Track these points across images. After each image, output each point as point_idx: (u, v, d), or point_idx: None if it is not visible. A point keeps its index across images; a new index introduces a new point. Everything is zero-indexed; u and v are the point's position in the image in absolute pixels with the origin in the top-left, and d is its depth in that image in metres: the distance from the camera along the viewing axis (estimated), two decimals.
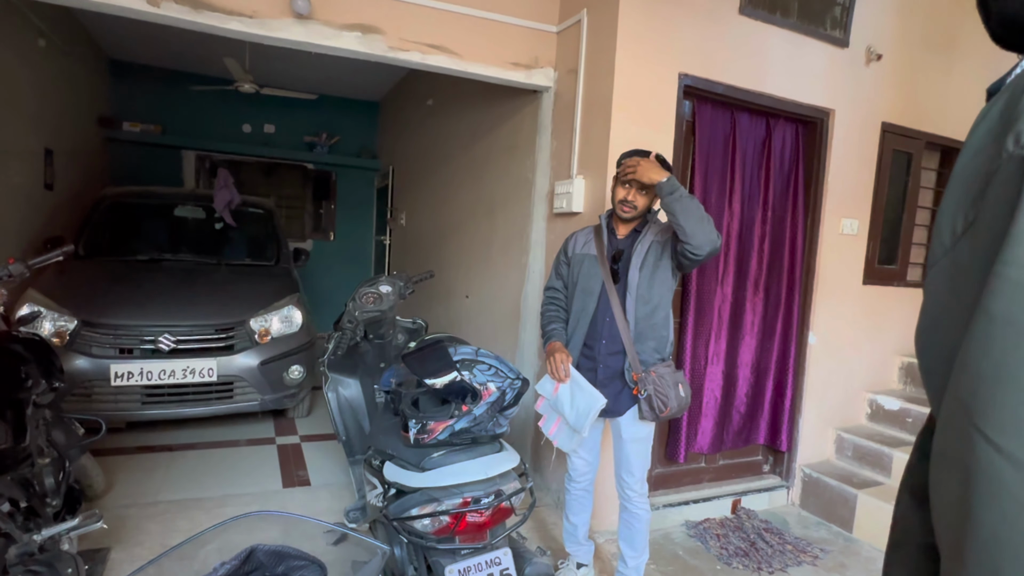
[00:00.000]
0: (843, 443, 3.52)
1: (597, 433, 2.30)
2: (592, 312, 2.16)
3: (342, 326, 2.53)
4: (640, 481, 2.22)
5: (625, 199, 2.09)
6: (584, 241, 2.25)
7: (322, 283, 7.02)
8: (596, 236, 2.23)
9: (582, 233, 2.30)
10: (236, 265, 4.35)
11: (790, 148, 3.24)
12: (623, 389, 2.13)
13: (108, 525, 2.31)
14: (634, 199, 2.08)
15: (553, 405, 2.20)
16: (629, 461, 2.20)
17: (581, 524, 2.41)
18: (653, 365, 2.10)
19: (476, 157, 4.28)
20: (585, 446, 2.27)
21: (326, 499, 3.03)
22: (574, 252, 2.26)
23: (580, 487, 2.35)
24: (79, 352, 3.19)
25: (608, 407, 2.12)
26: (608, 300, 2.12)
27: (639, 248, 2.11)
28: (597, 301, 2.15)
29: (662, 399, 2.05)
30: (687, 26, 2.76)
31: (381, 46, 2.77)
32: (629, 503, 2.24)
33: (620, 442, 2.21)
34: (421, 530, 1.68)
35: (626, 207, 2.10)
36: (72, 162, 5.12)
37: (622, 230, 2.20)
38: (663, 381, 2.06)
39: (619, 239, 2.20)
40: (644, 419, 2.11)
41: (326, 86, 6.79)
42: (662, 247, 2.10)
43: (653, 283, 2.09)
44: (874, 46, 3.29)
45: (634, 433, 2.17)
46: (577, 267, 2.22)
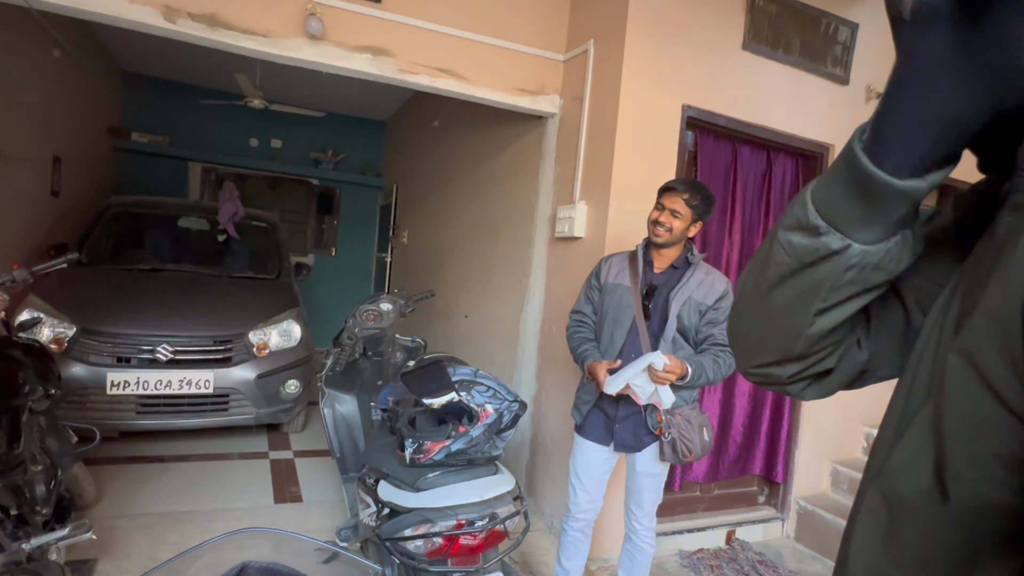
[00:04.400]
0: (839, 476, 3.51)
1: (608, 468, 2.19)
2: (620, 346, 2.06)
3: (341, 342, 2.54)
4: (649, 515, 2.17)
5: (658, 220, 2.00)
6: (618, 270, 2.14)
7: (322, 298, 7.03)
8: (631, 265, 2.12)
9: (616, 259, 2.19)
10: (237, 277, 4.36)
11: (790, 181, 3.29)
12: (643, 426, 2.05)
13: (97, 536, 2.28)
14: (667, 221, 1.99)
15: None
16: (640, 494, 2.14)
17: (573, 570, 2.27)
18: (678, 408, 2.02)
19: (480, 179, 4.33)
20: (592, 479, 2.17)
21: (317, 516, 3.01)
22: (607, 280, 2.15)
23: (578, 527, 2.22)
24: (76, 359, 3.19)
25: (627, 442, 2.06)
26: (637, 336, 2.03)
27: (677, 297, 2.02)
28: (626, 335, 2.06)
29: (687, 444, 1.97)
30: (691, 59, 2.83)
31: (391, 68, 2.83)
32: (635, 535, 2.19)
33: (633, 475, 2.15)
34: (413, 551, 1.67)
35: (659, 229, 2.00)
36: (79, 170, 5.17)
37: (659, 263, 2.10)
38: (689, 425, 1.99)
39: (655, 273, 2.10)
40: (665, 460, 2.04)
41: (334, 104, 6.89)
42: (699, 316, 2.02)
43: (687, 335, 2.04)
44: (874, 84, 3.36)
45: (649, 468, 2.11)
46: (609, 296, 2.12)
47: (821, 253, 0.50)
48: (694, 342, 2.05)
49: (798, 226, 0.52)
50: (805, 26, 3.10)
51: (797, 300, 0.54)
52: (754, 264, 0.60)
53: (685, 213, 1.98)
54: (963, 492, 0.40)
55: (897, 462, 0.46)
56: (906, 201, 0.46)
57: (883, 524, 0.46)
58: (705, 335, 2.03)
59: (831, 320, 0.54)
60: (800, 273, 0.53)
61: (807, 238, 0.51)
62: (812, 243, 0.51)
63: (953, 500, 0.41)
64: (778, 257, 0.54)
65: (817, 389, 0.64)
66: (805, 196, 0.52)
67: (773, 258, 0.55)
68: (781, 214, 0.57)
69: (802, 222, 0.51)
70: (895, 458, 0.46)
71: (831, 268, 0.50)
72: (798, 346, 0.57)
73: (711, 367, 1.96)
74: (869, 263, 0.50)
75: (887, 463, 0.47)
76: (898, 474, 0.45)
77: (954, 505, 0.41)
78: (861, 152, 0.46)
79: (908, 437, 0.45)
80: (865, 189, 0.46)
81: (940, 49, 0.40)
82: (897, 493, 0.45)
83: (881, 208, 0.47)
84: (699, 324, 2.02)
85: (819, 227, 0.50)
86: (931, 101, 0.42)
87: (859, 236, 0.49)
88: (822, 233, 0.50)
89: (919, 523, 0.43)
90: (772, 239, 0.56)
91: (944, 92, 0.41)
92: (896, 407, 0.49)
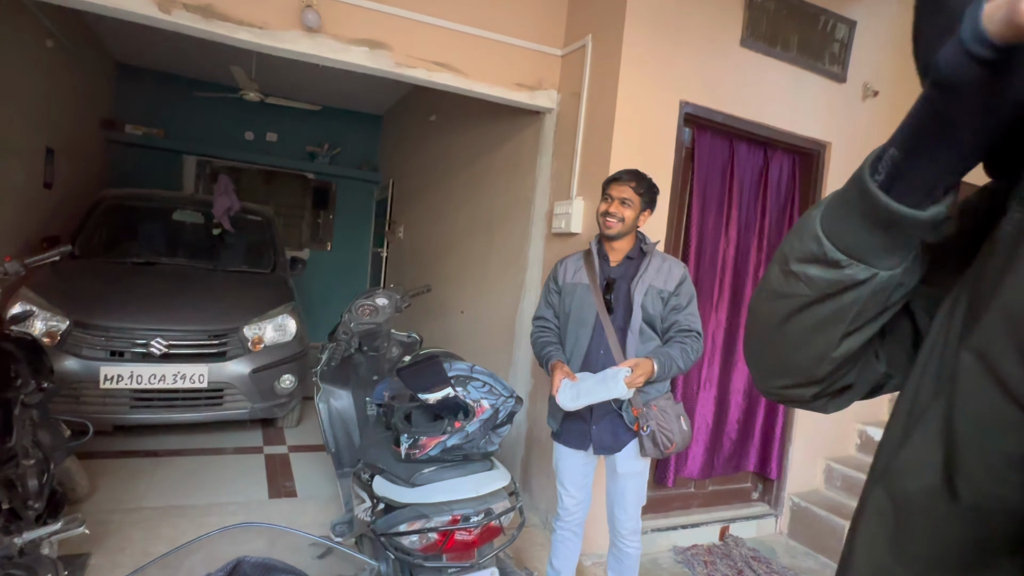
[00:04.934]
0: (832, 473, 3.52)
1: (590, 470, 2.17)
2: (586, 345, 2.05)
3: (337, 337, 2.52)
4: (633, 518, 2.12)
5: (608, 212, 2.01)
6: (575, 269, 2.13)
7: (318, 293, 7.01)
8: (587, 262, 2.11)
9: (572, 260, 2.18)
10: (232, 271, 4.34)
11: (787, 178, 3.29)
12: (620, 424, 2.03)
13: (90, 530, 2.28)
14: (618, 211, 2.00)
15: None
16: (624, 497, 2.09)
17: (564, 570, 2.25)
18: (653, 399, 2.00)
19: (476, 174, 4.32)
20: (576, 483, 2.16)
21: (312, 511, 3.00)
22: (565, 281, 2.14)
23: (567, 528, 2.20)
24: (69, 353, 3.17)
25: (606, 443, 2.03)
26: (603, 332, 2.02)
27: (639, 287, 2.01)
28: (592, 333, 2.04)
29: (666, 435, 1.94)
30: (689, 56, 2.82)
31: (388, 62, 2.81)
32: (620, 540, 2.14)
33: (615, 477, 2.10)
34: (408, 546, 1.67)
35: (610, 220, 2.01)
36: (73, 162, 5.13)
37: (614, 256, 2.10)
38: (666, 416, 1.96)
39: (612, 267, 2.09)
40: (646, 456, 2.00)
41: (330, 98, 6.85)
42: (662, 303, 2.01)
43: (654, 325, 2.03)
44: (871, 83, 3.36)
45: (631, 467, 2.07)
46: (569, 297, 2.10)
47: (846, 284, 0.50)
48: (661, 331, 2.05)
49: (813, 259, 0.52)
50: (803, 23, 3.09)
51: (820, 326, 0.54)
52: (764, 292, 0.60)
53: (635, 201, 2.00)
54: (973, 491, 0.40)
55: (905, 461, 0.46)
56: (929, 227, 0.46)
57: (889, 523, 0.46)
58: (670, 322, 2.03)
59: (857, 342, 0.55)
60: (822, 302, 0.53)
61: (828, 271, 0.51)
62: (835, 275, 0.51)
63: (963, 499, 0.40)
64: (796, 288, 0.54)
65: (838, 403, 0.64)
66: (815, 230, 0.51)
67: (790, 289, 0.55)
68: (783, 238, 0.57)
69: (818, 256, 0.51)
70: (902, 457, 0.46)
71: (857, 295, 0.51)
72: (822, 369, 0.57)
73: (680, 356, 1.96)
74: (892, 285, 0.50)
75: (893, 462, 0.47)
76: (906, 473, 0.45)
77: (964, 504, 0.40)
78: (879, 191, 0.46)
79: (916, 436, 0.45)
80: (887, 222, 0.46)
81: (969, 110, 0.39)
82: (905, 492, 0.45)
83: (905, 238, 0.47)
84: (663, 311, 2.02)
85: (839, 260, 0.50)
86: (956, 150, 0.42)
87: (883, 264, 0.49)
88: (844, 266, 0.50)
89: (927, 522, 0.43)
90: (784, 270, 0.55)
91: (969, 141, 0.41)
92: (903, 407, 0.49)
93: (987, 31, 0.34)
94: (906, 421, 0.47)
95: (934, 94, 0.41)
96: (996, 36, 0.34)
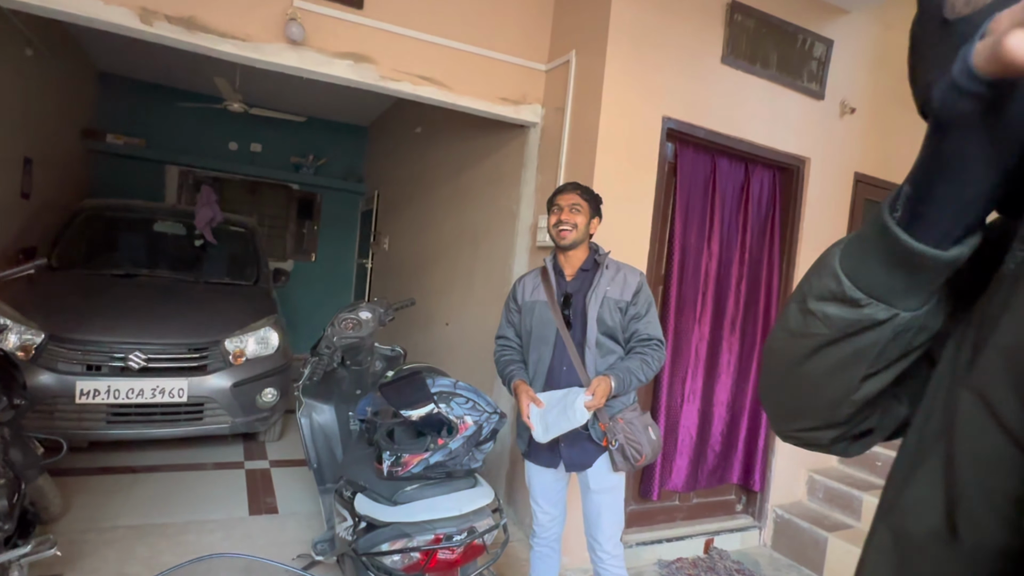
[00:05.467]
0: (815, 484, 3.55)
1: (562, 485, 2.14)
2: (548, 362, 2.02)
3: (319, 351, 2.50)
4: (612, 540, 2.03)
5: (560, 220, 2.02)
6: (533, 286, 2.12)
7: (302, 305, 6.95)
8: (544, 279, 2.09)
9: (529, 277, 2.18)
10: (214, 283, 4.29)
11: (767, 193, 3.34)
12: (588, 440, 1.97)
13: (62, 551, 2.22)
14: (569, 218, 2.00)
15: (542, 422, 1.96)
16: (599, 516, 2.02)
17: None
18: (619, 412, 1.97)
19: (461, 187, 4.33)
20: (549, 499, 2.12)
21: (293, 528, 2.95)
22: (524, 299, 2.13)
23: (544, 543, 2.16)
24: (44, 367, 3.10)
25: (575, 460, 1.99)
26: (564, 348, 1.99)
27: (593, 300, 1.98)
28: (553, 350, 2.02)
29: (635, 447, 1.91)
30: (671, 72, 2.86)
31: (373, 75, 2.81)
32: (601, 566, 2.05)
33: (588, 494, 2.04)
34: (391, 566, 1.64)
35: (563, 229, 2.00)
36: (52, 172, 5.05)
37: (569, 269, 2.09)
38: (633, 427, 1.94)
39: (567, 281, 2.08)
40: (618, 470, 1.97)
41: (315, 109, 6.83)
42: (621, 313, 1.99)
43: (615, 336, 2.00)
44: (848, 100, 3.43)
45: (604, 483, 2.00)
46: (528, 315, 2.09)
47: (865, 324, 0.50)
48: (623, 340, 2.02)
49: (832, 298, 0.51)
50: (782, 41, 3.16)
51: (839, 368, 0.53)
52: (781, 331, 0.59)
53: (583, 206, 2.02)
54: (973, 533, 0.39)
55: (908, 500, 0.45)
56: (951, 268, 0.46)
57: (892, 562, 0.45)
58: (631, 331, 2.01)
59: (878, 384, 0.53)
60: (841, 342, 0.52)
61: (846, 310, 0.50)
62: (854, 315, 0.50)
63: (964, 540, 0.40)
64: (814, 328, 0.53)
65: (859, 447, 0.62)
66: (834, 267, 0.51)
67: (808, 328, 0.54)
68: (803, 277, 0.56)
69: (837, 294, 0.50)
70: (906, 496, 0.46)
71: (876, 336, 0.50)
72: (842, 412, 0.56)
73: (639, 369, 1.93)
74: (914, 327, 0.49)
75: (898, 501, 0.46)
76: (908, 512, 0.45)
77: (965, 546, 0.40)
78: (898, 228, 0.45)
79: (920, 475, 0.44)
80: (907, 261, 0.46)
81: (967, 146, 0.40)
82: (907, 532, 0.45)
83: (927, 278, 0.46)
84: (623, 322, 1.99)
85: (859, 300, 0.49)
86: (965, 187, 0.42)
87: (904, 304, 0.48)
88: (864, 305, 0.49)
89: (928, 563, 0.43)
90: (801, 308, 0.54)
91: (976, 178, 0.41)
92: (909, 444, 0.49)
93: (975, 66, 0.35)
94: (912, 459, 0.47)
95: (932, 130, 0.41)
96: (984, 71, 0.35)
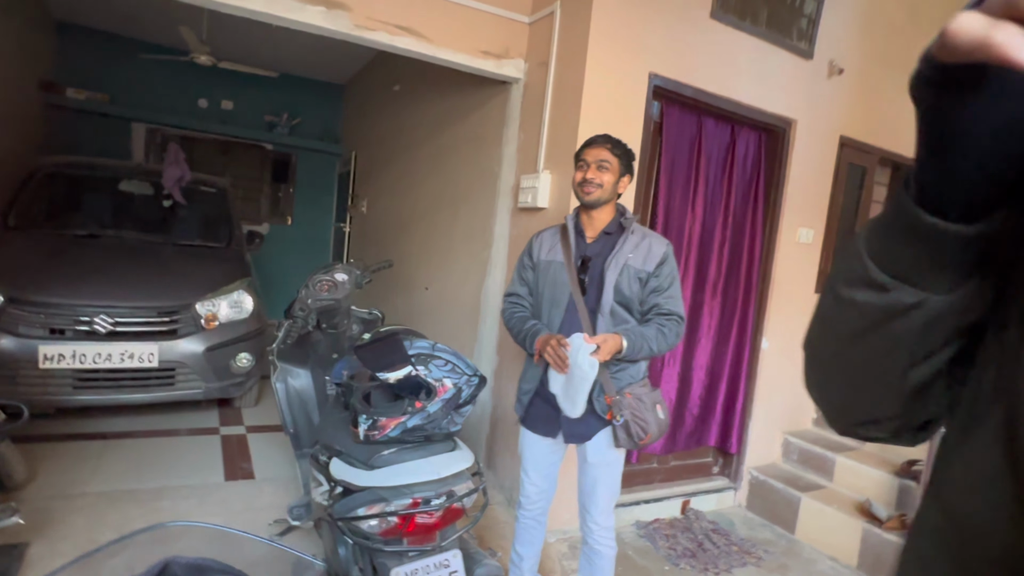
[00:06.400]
0: (790, 447, 3.61)
1: (557, 458, 2.06)
2: (558, 327, 1.90)
3: (294, 313, 2.42)
4: (605, 512, 1.98)
5: (585, 178, 1.86)
6: (550, 245, 1.99)
7: (277, 269, 6.78)
8: (563, 239, 1.96)
9: (548, 234, 2.04)
10: (184, 245, 4.14)
11: (752, 155, 3.28)
12: (591, 412, 1.87)
13: (28, 518, 2.15)
14: (595, 176, 1.85)
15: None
16: (595, 489, 1.95)
17: (528, 556, 2.15)
18: (627, 386, 1.86)
19: (441, 147, 4.20)
20: (540, 471, 2.04)
21: (270, 494, 2.92)
22: (539, 257, 2.00)
23: (530, 515, 2.10)
24: (4, 331, 2.97)
25: (576, 431, 1.90)
26: (576, 313, 1.87)
27: (613, 266, 1.85)
28: (564, 314, 1.89)
29: (641, 424, 1.80)
30: (659, 26, 2.75)
31: (346, 23, 2.66)
32: (591, 537, 1.99)
33: (585, 467, 1.97)
34: (367, 531, 1.61)
35: (589, 187, 1.85)
36: (6, 127, 4.78)
37: (591, 231, 1.95)
38: (641, 404, 1.82)
39: (588, 243, 1.94)
40: (620, 447, 1.88)
41: (289, 64, 6.55)
42: (640, 284, 1.86)
43: (630, 307, 1.87)
44: (837, 60, 3.36)
45: (603, 457, 1.92)
46: (543, 275, 1.96)
47: (896, 309, 0.47)
48: (639, 313, 1.90)
49: (860, 282, 0.49)
50: None
51: (879, 358, 0.50)
52: (817, 321, 0.56)
53: (612, 163, 1.85)
54: None
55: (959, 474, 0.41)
56: (974, 244, 0.42)
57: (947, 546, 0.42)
58: (649, 304, 1.88)
59: (925, 372, 0.50)
60: (875, 331, 0.49)
61: (875, 295, 0.48)
62: (883, 300, 0.47)
63: None
64: (847, 315, 0.51)
65: (926, 436, 0.58)
66: (859, 249, 0.49)
67: (841, 315, 0.52)
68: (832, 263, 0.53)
69: (863, 279, 0.48)
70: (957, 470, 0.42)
71: (909, 323, 0.47)
72: (894, 404, 0.53)
73: (655, 337, 1.82)
74: (952, 311, 0.46)
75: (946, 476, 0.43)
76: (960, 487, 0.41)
77: None
78: (915, 204, 0.43)
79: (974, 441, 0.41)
80: (927, 239, 0.43)
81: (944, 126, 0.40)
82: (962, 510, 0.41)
83: (950, 255, 0.43)
84: (642, 294, 1.87)
85: (885, 283, 0.46)
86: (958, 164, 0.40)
87: (933, 287, 0.45)
88: (890, 289, 0.46)
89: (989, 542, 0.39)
90: (834, 296, 0.52)
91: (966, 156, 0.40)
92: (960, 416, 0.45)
93: (932, 53, 0.37)
94: (964, 426, 0.43)
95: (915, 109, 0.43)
96: (937, 57, 0.36)
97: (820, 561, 2.99)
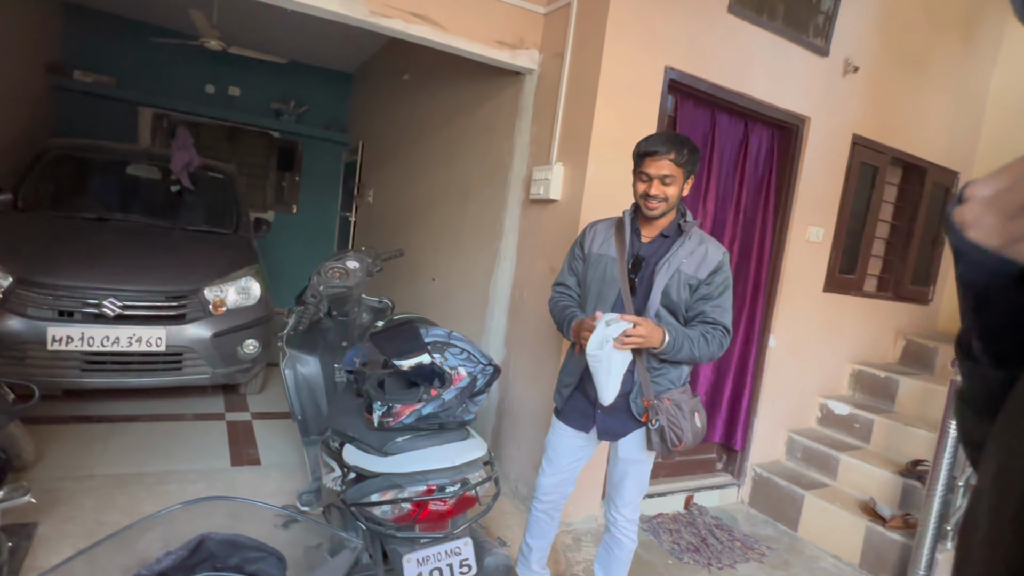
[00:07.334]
0: (794, 445, 3.62)
1: (586, 454, 2.02)
2: None
3: (305, 300, 2.42)
4: (631, 506, 1.95)
5: (648, 193, 1.75)
6: (604, 238, 1.91)
7: (281, 257, 6.77)
8: (618, 234, 1.89)
9: (603, 226, 1.95)
10: (192, 231, 4.12)
11: (765, 152, 3.27)
12: (627, 411, 1.83)
13: (37, 499, 2.15)
14: (659, 191, 1.74)
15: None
16: (623, 482, 1.93)
17: (538, 548, 2.14)
18: (667, 391, 1.81)
19: (452, 137, 4.18)
20: (562, 464, 2.01)
21: (276, 479, 2.92)
22: (591, 249, 1.92)
23: (542, 509, 2.08)
24: (13, 312, 2.96)
25: (611, 429, 1.87)
26: (622, 312, 1.79)
27: (664, 269, 1.79)
28: (610, 311, 1.81)
29: (676, 432, 1.76)
30: (676, 19, 2.74)
31: (362, 9, 2.64)
32: (614, 527, 1.98)
33: (616, 460, 1.94)
34: (380, 516, 1.61)
35: (652, 202, 1.75)
36: (13, 108, 4.76)
37: (648, 232, 1.87)
38: (679, 411, 1.77)
39: (643, 243, 1.87)
40: (652, 450, 1.84)
41: (298, 51, 6.52)
42: (689, 291, 1.79)
43: (676, 312, 1.81)
44: (852, 58, 3.34)
45: (634, 454, 1.89)
46: (594, 268, 1.89)
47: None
48: (684, 320, 1.83)
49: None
50: None
51: None
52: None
53: (676, 175, 1.74)
54: None
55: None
56: None
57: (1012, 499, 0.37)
58: (696, 312, 1.81)
59: None
60: None
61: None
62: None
63: None
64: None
65: None
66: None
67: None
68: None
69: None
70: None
71: None
72: None
73: (699, 341, 1.76)
74: None
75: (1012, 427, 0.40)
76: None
77: None
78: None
79: None
80: None
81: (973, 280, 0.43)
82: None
83: None
84: (689, 300, 1.80)
85: None
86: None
87: None
88: None
89: None
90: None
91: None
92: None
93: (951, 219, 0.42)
94: None
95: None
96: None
97: (822, 559, 3.00)
